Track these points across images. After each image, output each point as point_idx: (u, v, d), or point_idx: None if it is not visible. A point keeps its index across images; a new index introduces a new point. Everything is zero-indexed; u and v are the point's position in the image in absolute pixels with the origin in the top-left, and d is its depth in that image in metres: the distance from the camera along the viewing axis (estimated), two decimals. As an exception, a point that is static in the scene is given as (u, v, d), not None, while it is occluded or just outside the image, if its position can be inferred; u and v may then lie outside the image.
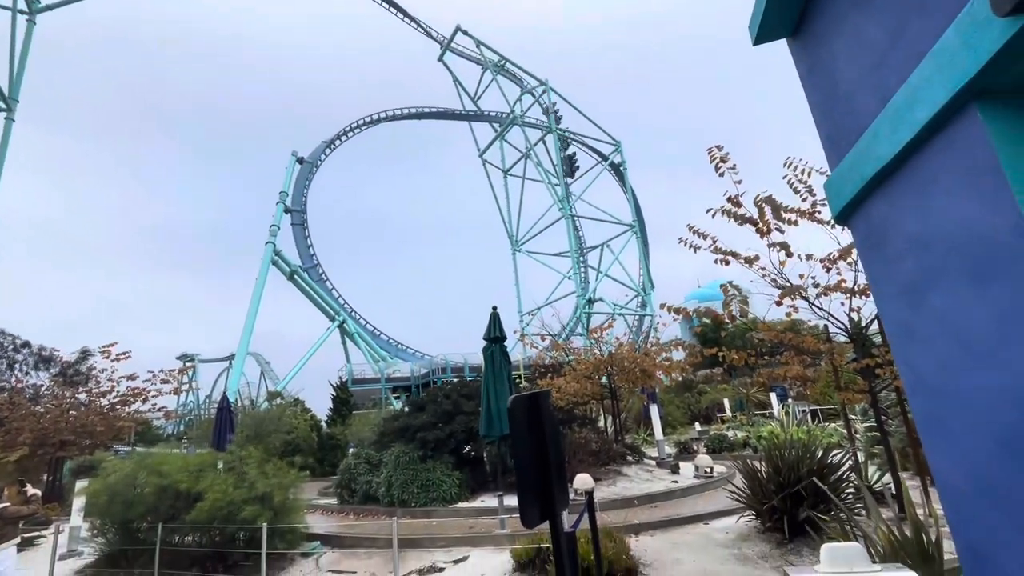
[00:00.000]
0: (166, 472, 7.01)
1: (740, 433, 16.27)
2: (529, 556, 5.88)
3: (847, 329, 6.67)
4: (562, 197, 46.67)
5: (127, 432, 16.24)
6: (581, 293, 44.66)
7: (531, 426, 2.29)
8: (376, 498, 10.21)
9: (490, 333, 8.11)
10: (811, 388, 8.53)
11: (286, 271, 35.20)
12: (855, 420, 11.65)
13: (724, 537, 6.67)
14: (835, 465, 6.42)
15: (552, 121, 48.82)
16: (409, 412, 12.17)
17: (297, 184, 39.32)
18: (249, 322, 31.31)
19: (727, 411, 24.35)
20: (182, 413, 43.33)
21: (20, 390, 15.93)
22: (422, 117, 49.66)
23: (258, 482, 6.88)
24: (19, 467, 12.20)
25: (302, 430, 17.84)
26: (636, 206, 52.96)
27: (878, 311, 1.84)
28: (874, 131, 1.58)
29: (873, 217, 1.72)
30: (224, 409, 11.63)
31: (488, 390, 7.61)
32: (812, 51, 2.08)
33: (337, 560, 7.24)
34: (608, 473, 10.66)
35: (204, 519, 6.39)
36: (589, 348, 14.08)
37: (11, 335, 19.33)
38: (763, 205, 5.83)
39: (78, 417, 13.59)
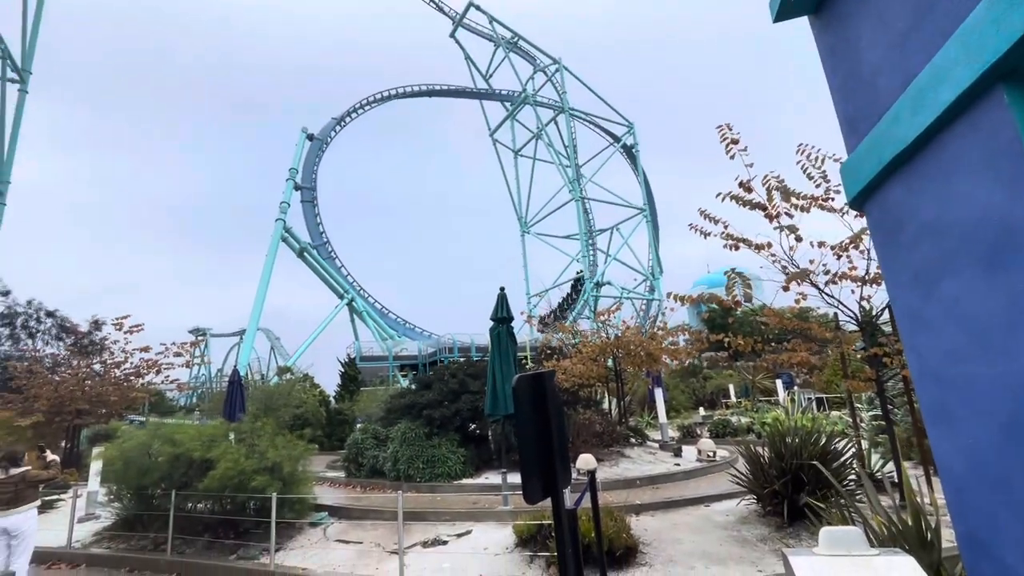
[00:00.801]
0: (179, 441, 7.19)
1: (744, 419, 16.33)
2: (531, 532, 6.00)
3: (857, 317, 6.62)
4: (572, 179, 46.21)
5: (141, 402, 16.63)
6: (589, 276, 44.51)
7: (535, 405, 2.32)
8: (382, 472, 10.43)
9: (497, 313, 8.13)
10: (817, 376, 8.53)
11: (296, 248, 35.40)
12: (861, 409, 11.64)
13: (724, 519, 6.75)
14: (838, 452, 6.44)
15: (565, 101, 48.05)
16: (416, 390, 12.32)
17: (307, 161, 39.23)
18: (259, 298, 31.66)
19: (732, 397, 24.39)
20: (194, 386, 44.26)
21: (39, 359, 16.31)
22: (433, 95, 49.04)
23: (269, 453, 7.04)
24: (37, 434, 12.59)
25: (311, 405, 18.15)
26: (647, 189, 52.35)
27: (889, 298, 1.82)
28: (895, 113, 1.54)
29: (889, 202, 1.69)
30: (235, 383, 11.85)
31: (494, 370, 7.67)
32: (834, 30, 2.02)
33: (344, 530, 7.44)
34: (611, 454, 10.78)
35: (216, 487, 6.57)
36: (595, 331, 14.11)
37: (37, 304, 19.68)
38: (772, 188, 5.73)
39: (93, 386, 13.93)
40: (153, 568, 6.64)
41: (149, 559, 6.77)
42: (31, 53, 33.01)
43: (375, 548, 6.58)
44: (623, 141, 53.04)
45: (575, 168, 47.42)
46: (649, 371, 13.89)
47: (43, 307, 19.78)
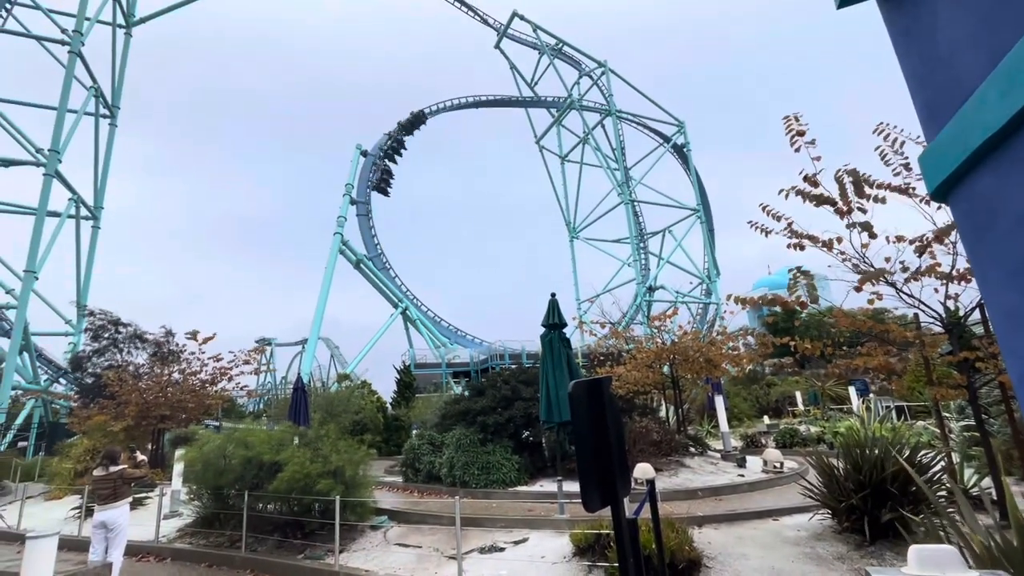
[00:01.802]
0: (252, 444, 7.65)
1: (814, 428, 15.34)
2: (588, 541, 5.90)
3: (941, 318, 6.08)
4: (621, 182, 45.54)
5: (215, 408, 17.81)
6: (641, 281, 43.55)
7: (592, 411, 2.29)
8: (439, 478, 10.60)
9: (549, 319, 8.11)
10: (896, 383, 7.86)
11: (352, 260, 36.90)
12: (949, 418, 10.65)
13: (795, 535, 6.36)
14: (925, 465, 5.92)
15: (611, 103, 47.52)
16: (469, 396, 12.48)
17: (361, 176, 40.91)
18: (320, 308, 33.21)
19: (799, 405, 23.01)
20: (261, 392, 46.91)
21: (125, 367, 17.86)
22: (479, 106, 49.88)
23: (332, 457, 7.35)
24: (128, 436, 13.78)
25: (369, 411, 18.79)
26: (700, 189, 50.71)
27: (982, 297, 1.67)
28: (982, 96, 1.41)
29: (978, 192, 1.55)
30: (299, 389, 12.44)
31: (547, 376, 7.64)
32: (908, 9, 1.88)
33: (403, 534, 7.62)
34: (670, 464, 10.43)
35: (284, 489, 6.93)
36: (651, 336, 13.74)
37: (108, 313, 21.59)
38: (844, 180, 5.37)
39: (173, 393, 15.08)
40: (229, 564, 7.06)
41: (225, 555, 7.21)
42: (119, 90, 36.59)
43: (434, 553, 6.69)
44: (673, 141, 51.73)
45: (624, 171, 46.71)
46: (708, 378, 13.37)
47: (118, 319, 21.60)
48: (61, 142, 27.11)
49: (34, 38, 30.63)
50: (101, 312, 21.60)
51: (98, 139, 34.63)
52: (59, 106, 27.51)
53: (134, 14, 38.09)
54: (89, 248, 33.09)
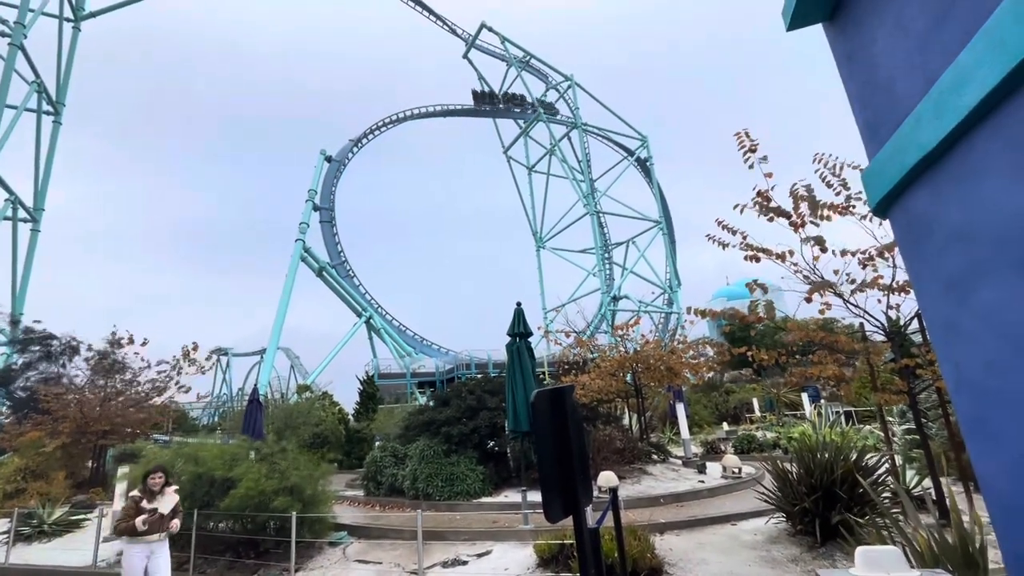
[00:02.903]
0: (202, 460, 7.27)
1: (770, 434, 15.90)
2: (552, 552, 5.88)
3: (884, 328, 6.42)
4: (587, 193, 46.33)
5: (164, 421, 16.91)
6: (606, 290, 44.31)
7: (554, 421, 2.29)
8: (401, 491, 10.36)
9: (514, 328, 8.11)
10: (845, 389, 8.25)
11: (315, 267, 35.97)
12: (893, 422, 11.23)
13: (752, 539, 6.53)
14: (871, 468, 6.20)
15: (577, 116, 48.45)
16: (434, 407, 12.29)
17: (325, 182, 40.08)
18: (279, 317, 32.15)
19: (756, 411, 23.80)
20: (216, 404, 44.89)
21: (59, 381, 16.72)
22: (447, 115, 49.90)
23: (289, 472, 7.07)
24: (64, 454, 12.87)
25: (330, 423, 18.24)
26: (663, 202, 52.17)
27: (920, 307, 1.76)
28: (917, 117, 1.50)
29: (915, 208, 1.64)
30: (254, 401, 11.98)
31: (513, 385, 7.62)
32: (850, 35, 1.99)
33: (364, 550, 7.39)
34: (633, 471, 10.55)
35: (237, 507, 6.60)
36: (614, 345, 13.95)
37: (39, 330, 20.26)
38: (799, 197, 5.64)
39: (115, 407, 14.21)
40: (176, 588, 6.66)
41: (172, 579, 6.80)
42: (65, 87, 34.71)
43: (394, 568, 6.51)
44: (637, 154, 53.12)
45: (589, 182, 47.55)
46: (670, 386, 13.65)
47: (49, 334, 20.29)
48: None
49: (-30, 28, 28.73)
50: (28, 327, 20.25)
51: (40, 137, 32.63)
52: (-4, 101, 25.85)
53: (83, 8, 36.30)
54: (27, 252, 30.99)
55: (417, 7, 48.31)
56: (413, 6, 48.17)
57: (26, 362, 20.12)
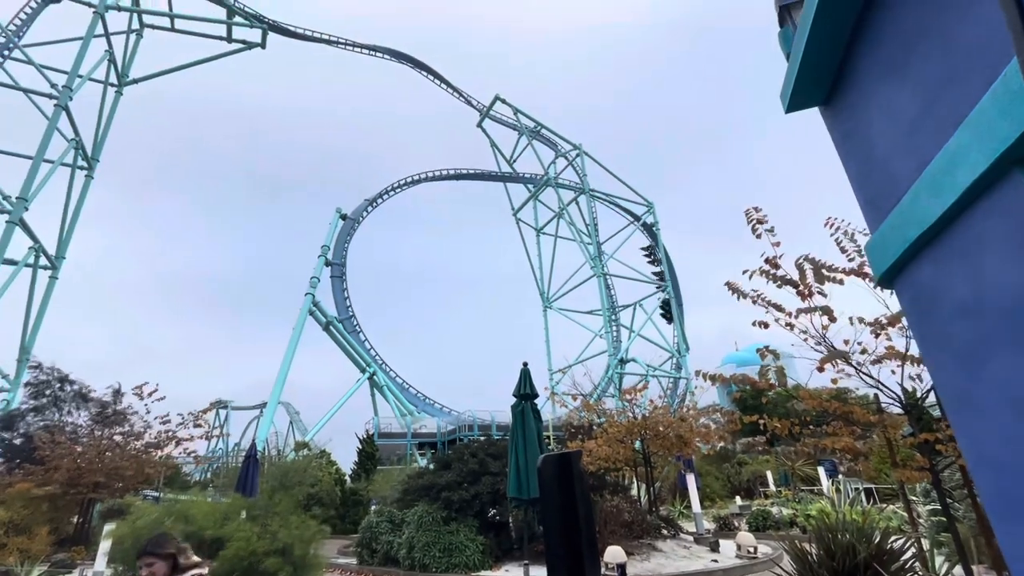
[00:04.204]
0: (193, 518, 6.98)
1: (786, 510, 15.07)
2: (555, 636, 5.45)
3: (900, 399, 6.25)
4: (594, 255, 47.05)
5: (156, 476, 16.41)
6: (613, 352, 43.83)
7: (563, 489, 2.22)
8: (396, 560, 9.82)
9: (520, 390, 7.98)
10: (864, 464, 7.92)
11: (322, 322, 36.15)
12: (916, 502, 10.64)
13: (772, 629, 6.03)
14: (896, 552, 5.82)
15: (585, 183, 50.15)
16: (434, 470, 11.89)
17: (339, 239, 41.16)
18: (283, 370, 31.92)
19: (771, 485, 22.70)
20: (211, 459, 43.62)
21: (62, 428, 16.48)
22: (460, 178, 51.96)
23: (280, 533, 6.75)
24: (51, 506, 12.43)
25: (326, 483, 17.62)
26: (669, 265, 52.72)
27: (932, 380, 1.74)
28: (914, 195, 1.56)
29: (919, 281, 1.67)
30: (251, 457, 11.68)
31: (517, 449, 7.39)
32: (845, 119, 2.12)
33: (353, 626, 6.90)
34: (641, 547, 9.97)
35: (225, 569, 6.26)
36: (622, 410, 13.62)
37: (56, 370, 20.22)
38: (804, 267, 5.70)
39: (111, 459, 13.88)
40: (149, 663, 6.20)
41: (146, 652, 6.34)
42: (101, 144, 36.80)
43: (385, 648, 6.05)
44: (643, 219, 54.37)
45: (596, 245, 48.43)
46: (680, 455, 13.17)
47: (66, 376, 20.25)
48: (31, 190, 26.66)
49: (22, 91, 30.97)
50: (49, 368, 20.23)
51: (71, 190, 34.22)
52: (36, 155, 27.37)
53: (128, 75, 39.19)
54: (43, 299, 31.54)
55: (436, 80, 51.66)
56: (432, 79, 51.52)
57: (32, 407, 19.94)
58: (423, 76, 51.17)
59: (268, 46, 40.99)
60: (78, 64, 31.13)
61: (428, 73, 51.17)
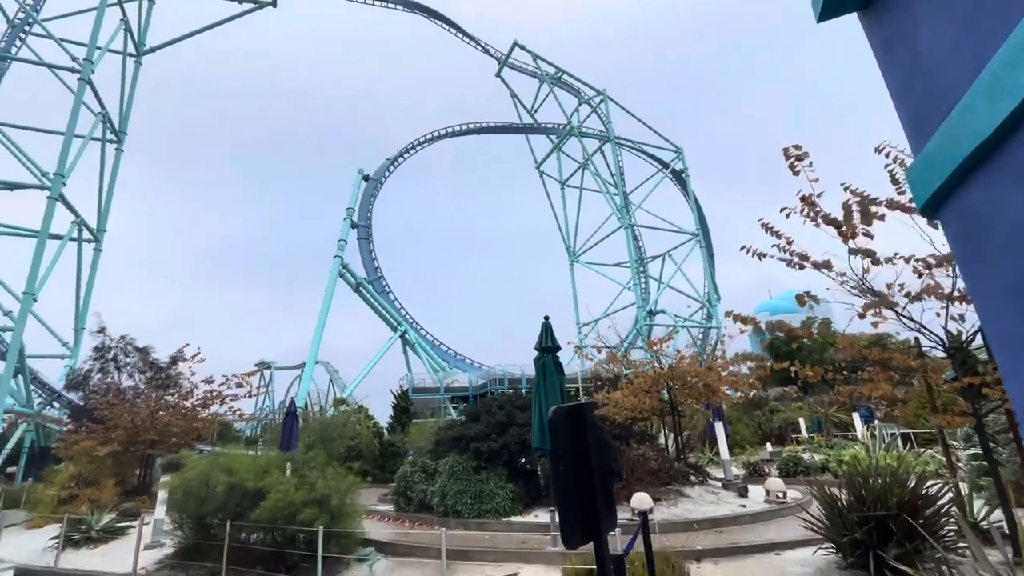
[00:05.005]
0: (235, 471, 7.41)
1: (817, 456, 14.97)
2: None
3: (943, 343, 5.93)
4: (621, 207, 45.87)
5: (209, 432, 17.50)
6: (641, 305, 43.41)
7: (574, 439, 2.17)
8: (431, 507, 10.28)
9: (541, 343, 7.97)
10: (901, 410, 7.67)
11: (352, 283, 36.87)
12: (956, 447, 10.37)
13: (799, 571, 6.07)
14: (932, 497, 5.68)
15: (610, 131, 48.25)
16: (463, 422, 12.22)
17: (363, 200, 41.25)
18: (318, 331, 33.00)
19: (803, 432, 22.56)
20: (259, 416, 46.27)
21: (121, 391, 17.61)
22: (480, 132, 50.73)
23: (318, 484, 7.10)
24: (115, 461, 13.47)
25: (365, 437, 18.42)
26: (700, 214, 51.06)
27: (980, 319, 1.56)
28: (968, 104, 1.33)
29: (968, 207, 1.45)
30: (291, 414, 12.23)
31: (540, 401, 7.46)
32: (888, 23, 1.83)
33: (390, 568, 7.31)
34: (669, 493, 10.12)
35: (267, 518, 6.67)
36: (648, 361, 13.53)
37: (129, 339, 21.45)
38: (852, 206, 5.29)
39: (162, 417, 14.82)
40: (208, 599, 6.76)
41: (205, 590, 6.91)
42: (127, 117, 37.29)
43: (421, 588, 6.40)
44: (672, 166, 52.37)
45: (623, 196, 47.12)
46: (709, 404, 13.11)
47: (133, 342, 21.46)
48: (67, 166, 27.43)
49: (46, 66, 31.34)
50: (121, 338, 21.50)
51: (103, 164, 35.12)
52: (66, 131, 27.93)
53: (144, 43, 39.09)
54: (90, 271, 33.14)
55: (452, 30, 49.68)
56: (448, 29, 49.56)
57: (98, 368, 21.40)
58: (439, 27, 49.26)
59: (280, 5, 39.94)
60: (95, 35, 31.10)
61: (443, 23, 49.21)
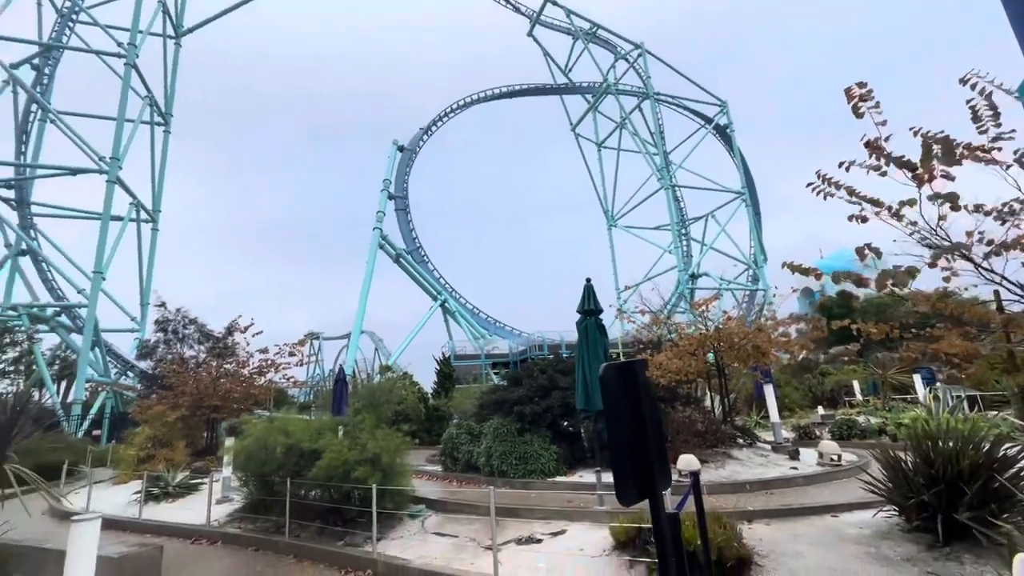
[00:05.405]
0: (291, 433, 7.79)
1: (874, 419, 14.38)
2: (629, 535, 5.65)
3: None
4: (661, 167, 44.18)
5: (266, 398, 18.53)
6: (683, 268, 42.24)
7: (627, 396, 2.08)
8: (477, 467, 10.56)
9: (584, 306, 7.84)
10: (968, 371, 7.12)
11: (392, 254, 37.54)
12: (1032, 408, 9.67)
13: (857, 532, 5.87)
14: (1009, 460, 5.31)
15: (649, 86, 46.01)
16: (506, 386, 12.36)
17: (399, 171, 41.45)
18: (362, 301, 34.02)
19: (857, 394, 21.68)
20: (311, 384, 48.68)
21: (184, 360, 18.83)
22: (513, 95, 49.51)
23: (368, 444, 7.38)
24: (184, 425, 14.52)
25: (410, 401, 19.03)
26: (745, 171, 48.60)
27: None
28: None
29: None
30: (340, 380, 12.72)
31: (583, 363, 7.39)
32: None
33: (441, 523, 7.59)
34: (716, 455, 9.97)
35: (323, 476, 7.01)
36: (693, 322, 13.17)
37: (184, 312, 22.76)
38: (932, 144, 4.74)
39: (223, 384, 15.77)
40: (274, 549, 7.24)
41: (271, 540, 7.40)
42: (172, 99, 38.44)
43: (470, 543, 6.61)
44: (716, 121, 49.70)
45: (663, 155, 45.31)
46: (757, 366, 12.70)
47: (188, 315, 22.74)
48: (121, 150, 28.74)
49: (94, 53, 32.48)
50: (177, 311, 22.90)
51: (154, 146, 36.59)
52: (118, 116, 29.14)
53: (182, 24, 39.83)
54: (150, 249, 35.12)
55: (480, -12, 48.04)
56: (476, -12, 47.94)
57: (162, 339, 22.99)
58: (466, -15, 47.66)
59: (307, -26, 39.54)
60: (136, 19, 31.89)
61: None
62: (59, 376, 32.50)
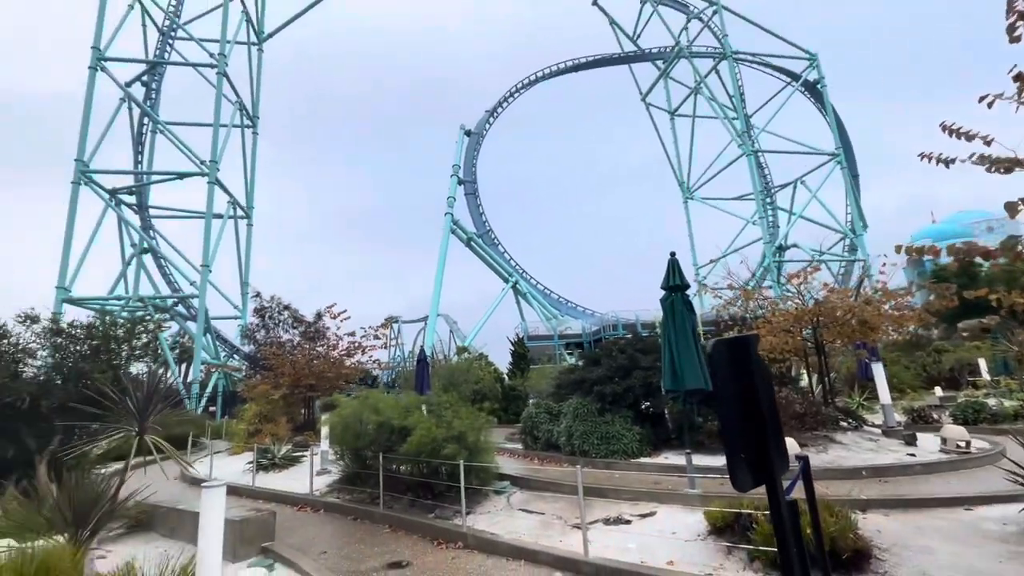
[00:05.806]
0: (381, 410, 8.17)
1: (1008, 401, 12.66)
2: (727, 520, 5.35)
3: None
4: (741, 131, 41.10)
5: (355, 377, 19.72)
6: (769, 240, 39.26)
7: (739, 374, 1.88)
8: (557, 446, 10.56)
9: (669, 281, 7.44)
10: None
11: (463, 238, 38.23)
12: None
13: (1000, 529, 5.17)
14: None
15: (727, 45, 42.62)
16: (584, 366, 12.19)
17: (467, 156, 41.86)
18: (437, 285, 35.05)
19: (983, 374, 19.19)
20: (392, 365, 51.35)
21: (281, 344, 20.46)
22: (579, 69, 47.99)
23: (454, 423, 7.57)
24: (285, 402, 15.83)
25: (487, 381, 19.44)
26: (840, 130, 44.01)
27: None
28: None
29: None
30: (422, 361, 13.20)
31: (670, 342, 7.04)
32: None
33: (526, 500, 7.66)
34: (817, 439, 9.23)
35: (413, 452, 7.30)
36: (788, 296, 12.16)
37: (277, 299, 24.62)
38: None
39: (316, 365, 16.93)
40: (370, 519, 7.68)
41: (367, 511, 7.85)
42: (257, 102, 41.26)
43: (557, 520, 6.61)
44: (804, 77, 45.23)
45: (744, 119, 42.08)
46: (862, 343, 11.54)
47: (281, 301, 24.57)
48: (218, 153, 31.41)
49: (191, 65, 35.53)
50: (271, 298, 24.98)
51: (244, 147, 39.67)
52: (214, 122, 31.76)
53: (263, 31, 42.47)
54: (246, 243, 38.40)
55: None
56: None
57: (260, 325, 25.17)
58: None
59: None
60: (224, 29, 34.35)
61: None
62: (179, 359, 36.69)
